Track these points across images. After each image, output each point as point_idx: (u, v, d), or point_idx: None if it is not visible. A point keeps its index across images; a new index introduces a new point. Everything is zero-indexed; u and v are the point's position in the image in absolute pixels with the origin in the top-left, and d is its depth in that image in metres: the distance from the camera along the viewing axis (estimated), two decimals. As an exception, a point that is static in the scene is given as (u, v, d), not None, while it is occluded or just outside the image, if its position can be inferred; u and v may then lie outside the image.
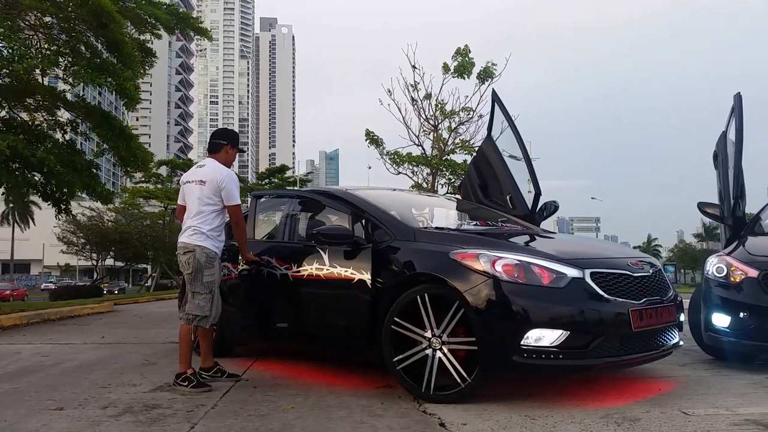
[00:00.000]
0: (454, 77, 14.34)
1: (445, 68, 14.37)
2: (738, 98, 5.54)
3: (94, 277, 39.75)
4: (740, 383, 3.95)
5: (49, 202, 12.37)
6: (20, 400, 3.73)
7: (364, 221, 4.20)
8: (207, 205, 4.13)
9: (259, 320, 4.82)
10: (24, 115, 12.14)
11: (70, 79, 11.21)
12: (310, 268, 4.31)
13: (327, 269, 4.17)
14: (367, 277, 3.88)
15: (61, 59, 10.86)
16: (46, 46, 11.29)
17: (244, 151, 5.99)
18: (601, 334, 3.35)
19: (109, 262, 41.47)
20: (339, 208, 4.59)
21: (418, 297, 3.57)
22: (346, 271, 4.03)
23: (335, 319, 4.21)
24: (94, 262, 36.07)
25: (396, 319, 3.62)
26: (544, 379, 3.96)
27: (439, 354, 3.46)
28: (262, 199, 5.56)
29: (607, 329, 3.38)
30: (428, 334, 3.51)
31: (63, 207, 12.38)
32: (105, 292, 31.30)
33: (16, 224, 63.85)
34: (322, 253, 4.23)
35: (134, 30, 12.81)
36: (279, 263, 4.56)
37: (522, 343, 3.26)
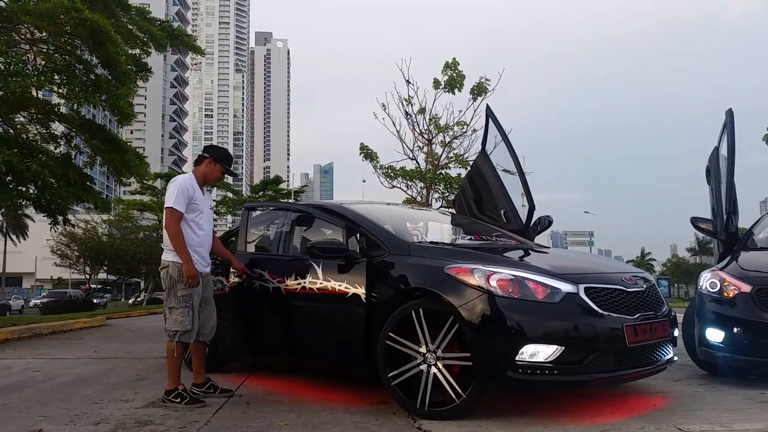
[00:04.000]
0: (445, 92, 14.39)
1: (436, 83, 14.42)
2: (730, 114, 5.58)
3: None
4: (734, 399, 3.94)
5: (45, 214, 12.35)
6: (10, 416, 3.69)
7: (358, 235, 4.20)
8: None
9: (252, 334, 4.80)
10: (17, 129, 12.15)
11: (65, 93, 11.23)
12: (303, 282, 4.30)
13: (321, 283, 4.16)
14: (361, 291, 3.88)
15: (56, 76, 10.88)
16: (42, 62, 11.30)
17: (236, 174, 5.72)
18: (595, 349, 3.35)
19: (102, 275, 41.21)
20: (333, 222, 4.58)
21: (412, 312, 3.56)
22: (340, 285, 4.01)
23: (329, 333, 4.20)
24: (87, 276, 35.85)
25: (391, 334, 3.60)
26: (539, 394, 3.95)
27: (434, 369, 3.45)
28: (256, 212, 5.54)
29: (602, 344, 3.38)
30: (423, 350, 3.50)
31: (60, 218, 12.38)
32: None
33: (9, 237, 63.44)
34: (316, 266, 4.21)
35: (126, 47, 12.86)
36: (272, 276, 4.54)
37: (517, 358, 3.26)
